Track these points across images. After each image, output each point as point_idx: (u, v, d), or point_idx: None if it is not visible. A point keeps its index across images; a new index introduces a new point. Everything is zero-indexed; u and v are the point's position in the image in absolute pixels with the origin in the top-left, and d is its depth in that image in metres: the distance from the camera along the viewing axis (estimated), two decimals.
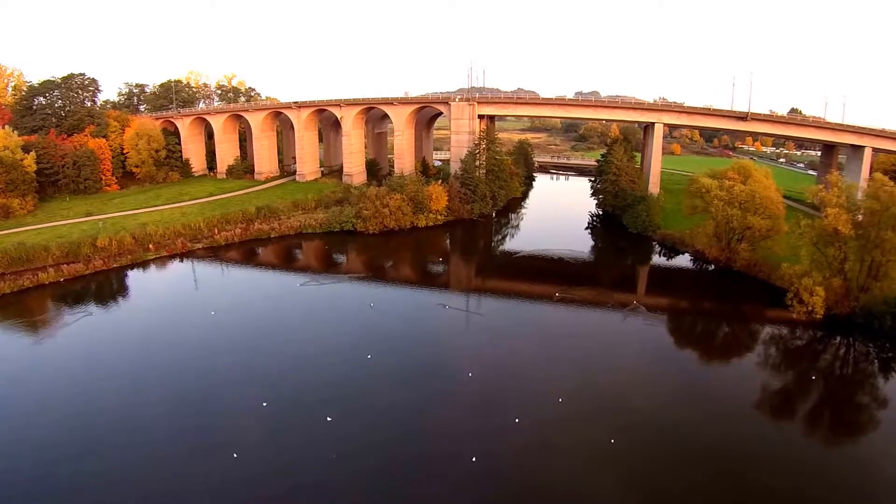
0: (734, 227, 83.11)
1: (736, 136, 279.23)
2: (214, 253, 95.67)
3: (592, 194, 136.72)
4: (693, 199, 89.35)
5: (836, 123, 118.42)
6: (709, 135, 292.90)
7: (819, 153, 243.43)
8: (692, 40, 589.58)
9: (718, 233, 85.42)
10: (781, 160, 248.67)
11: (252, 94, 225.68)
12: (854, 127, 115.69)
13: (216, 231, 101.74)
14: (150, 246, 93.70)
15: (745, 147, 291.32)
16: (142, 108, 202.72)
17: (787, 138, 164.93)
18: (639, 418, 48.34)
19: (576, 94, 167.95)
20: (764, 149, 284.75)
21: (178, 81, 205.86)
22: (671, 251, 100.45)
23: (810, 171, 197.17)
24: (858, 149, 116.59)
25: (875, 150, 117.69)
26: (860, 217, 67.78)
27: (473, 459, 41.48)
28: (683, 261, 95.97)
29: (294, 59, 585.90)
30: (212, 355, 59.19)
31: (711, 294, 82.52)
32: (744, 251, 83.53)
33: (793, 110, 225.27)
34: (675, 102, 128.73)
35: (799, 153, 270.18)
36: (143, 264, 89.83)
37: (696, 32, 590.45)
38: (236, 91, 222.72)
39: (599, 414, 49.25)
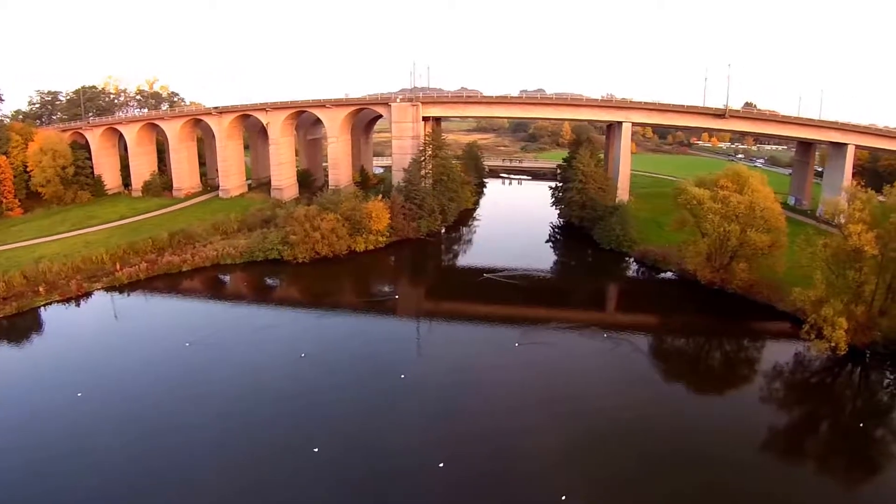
0: (731, 245, 76.14)
1: (691, 132, 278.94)
2: (115, 294, 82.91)
3: (554, 203, 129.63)
4: (681, 213, 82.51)
5: (818, 120, 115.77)
6: (662, 132, 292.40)
7: (783, 148, 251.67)
8: (643, 36, 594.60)
9: (711, 252, 78.51)
10: (740, 156, 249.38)
11: (175, 99, 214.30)
12: (837, 124, 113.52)
13: (118, 266, 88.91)
14: (41, 288, 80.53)
15: (701, 143, 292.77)
16: (56, 118, 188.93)
17: (768, 136, 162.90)
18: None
19: (521, 92, 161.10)
20: (720, 145, 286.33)
21: (93, 88, 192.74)
22: (652, 270, 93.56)
23: (776, 168, 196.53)
24: (840, 146, 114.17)
25: (858, 147, 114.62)
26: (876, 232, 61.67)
27: None
28: (669, 282, 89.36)
29: (224, 61, 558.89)
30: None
31: (710, 323, 75.34)
32: (741, 272, 76.74)
33: (747, 104, 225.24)
34: (641, 101, 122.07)
35: (755, 148, 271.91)
36: (28, 313, 75.68)
37: (646, 28, 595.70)
38: (157, 97, 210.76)
39: None
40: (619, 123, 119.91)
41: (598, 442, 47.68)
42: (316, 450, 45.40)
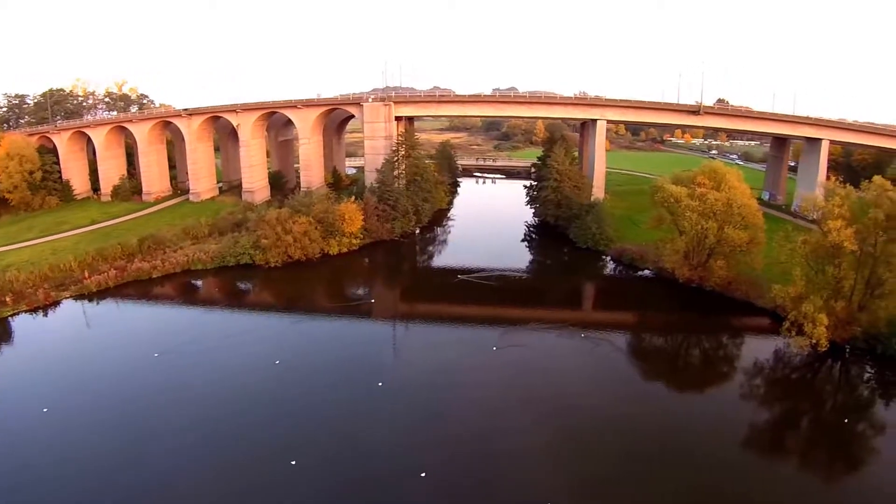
0: (709, 242, 75.67)
1: (665, 129, 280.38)
2: (84, 303, 79.97)
3: (529, 202, 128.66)
4: (658, 211, 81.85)
5: (793, 116, 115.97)
6: (635, 129, 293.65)
7: (756, 144, 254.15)
8: (614, 34, 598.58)
9: (689, 250, 78.01)
10: (713, 152, 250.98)
11: (144, 101, 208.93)
12: (812, 119, 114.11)
13: (86, 274, 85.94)
14: (7, 298, 77.25)
15: (674, 140, 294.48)
16: (23, 122, 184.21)
17: (742, 132, 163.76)
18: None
19: (493, 90, 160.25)
20: (694, 141, 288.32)
21: (61, 90, 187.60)
22: (630, 269, 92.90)
23: (750, 163, 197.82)
24: (815, 141, 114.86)
25: (832, 142, 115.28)
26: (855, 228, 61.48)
27: None
28: (647, 280, 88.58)
29: (194, 62, 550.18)
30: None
31: (689, 321, 74.92)
32: (719, 269, 76.35)
33: (719, 101, 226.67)
34: (616, 98, 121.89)
35: (729, 144, 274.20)
36: None
37: (618, 26, 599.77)
38: (126, 99, 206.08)
39: None
40: (594, 121, 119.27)
41: (581, 444, 46.90)
42: (293, 462, 43.66)
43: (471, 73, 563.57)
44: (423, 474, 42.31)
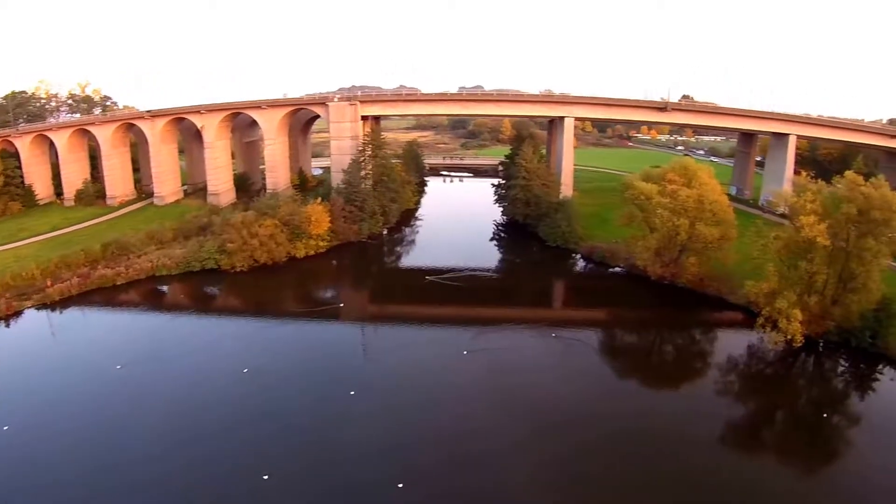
0: (681, 239, 75.12)
1: (631, 126, 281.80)
2: (47, 312, 76.69)
3: (497, 201, 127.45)
4: (629, 208, 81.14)
5: (761, 111, 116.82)
6: (602, 125, 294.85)
7: (722, 139, 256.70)
8: (579, 32, 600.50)
9: (661, 247, 77.42)
10: (679, 148, 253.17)
11: (108, 103, 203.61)
12: (779, 114, 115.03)
13: (49, 282, 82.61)
14: None
15: (640, 136, 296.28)
16: None
17: (708, 128, 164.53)
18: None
19: (459, 88, 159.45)
20: (660, 137, 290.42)
21: (23, 93, 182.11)
22: (601, 266, 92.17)
23: (716, 158, 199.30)
24: (782, 136, 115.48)
25: (800, 137, 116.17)
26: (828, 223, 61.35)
27: None
28: (618, 278, 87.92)
29: (159, 63, 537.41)
30: None
31: (663, 319, 74.67)
32: (691, 266, 75.96)
33: (684, 97, 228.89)
34: (584, 95, 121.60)
35: (694, 140, 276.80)
36: None
37: (583, 23, 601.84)
38: (90, 101, 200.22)
39: None
40: (562, 118, 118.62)
41: (556, 445, 46.56)
42: (266, 477, 41.71)
43: (437, 72, 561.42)
44: (399, 485, 40.94)
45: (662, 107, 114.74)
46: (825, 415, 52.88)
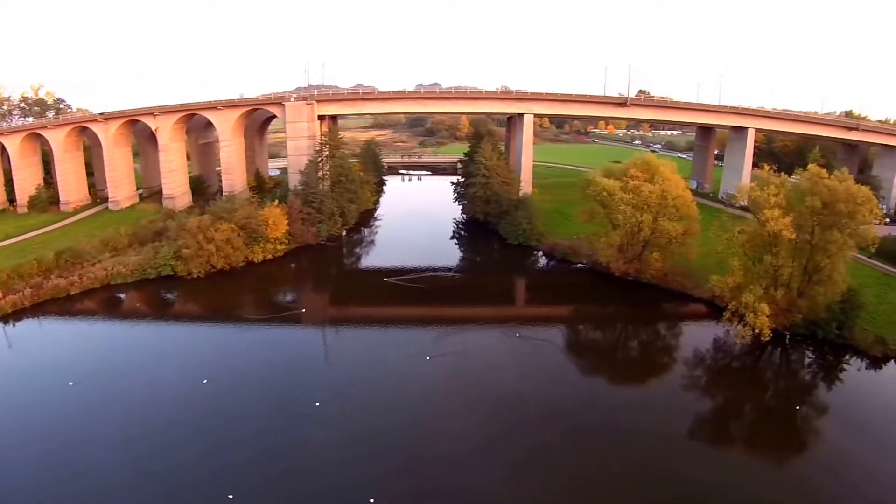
0: (644, 235, 74.45)
1: (589, 121, 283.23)
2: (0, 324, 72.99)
3: (457, 199, 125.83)
4: (591, 204, 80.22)
5: (719, 106, 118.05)
6: (559, 121, 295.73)
7: (678, 133, 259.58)
8: (535, 29, 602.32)
9: (624, 243, 76.69)
10: (637, 142, 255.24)
11: (61, 106, 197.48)
12: (737, 109, 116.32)
13: (1, 294, 78.07)
14: None
15: (598, 131, 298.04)
16: None
17: (667, 122, 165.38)
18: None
19: (417, 86, 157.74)
20: (617, 132, 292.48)
21: None
22: (563, 263, 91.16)
23: (674, 153, 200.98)
24: (741, 130, 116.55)
25: (758, 130, 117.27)
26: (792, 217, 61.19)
27: None
28: (581, 274, 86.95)
29: (110, 65, 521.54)
30: None
31: (628, 315, 74.27)
32: (655, 261, 75.38)
33: (641, 91, 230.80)
34: (543, 92, 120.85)
35: (651, 134, 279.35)
36: None
37: (540, 20, 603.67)
38: (43, 104, 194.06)
39: None
40: (521, 115, 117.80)
41: (526, 443, 46.02)
42: (231, 496, 39.24)
43: (393, 71, 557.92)
44: (371, 500, 38.94)
45: (622, 102, 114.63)
46: (797, 407, 52.76)
